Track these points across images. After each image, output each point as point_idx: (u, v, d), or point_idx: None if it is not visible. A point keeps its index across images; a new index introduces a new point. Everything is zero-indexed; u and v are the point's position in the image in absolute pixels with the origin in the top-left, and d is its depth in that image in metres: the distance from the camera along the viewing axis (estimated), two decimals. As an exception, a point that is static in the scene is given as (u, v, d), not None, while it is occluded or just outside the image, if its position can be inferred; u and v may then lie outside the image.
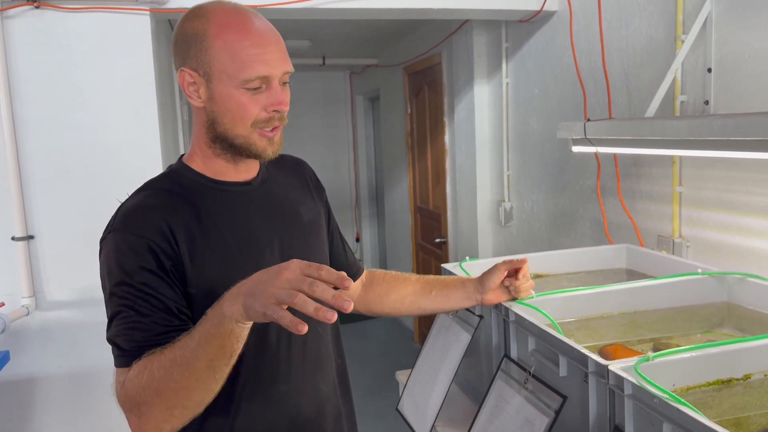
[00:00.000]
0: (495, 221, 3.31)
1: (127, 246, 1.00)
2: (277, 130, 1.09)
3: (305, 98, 6.07)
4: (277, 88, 1.06)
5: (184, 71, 1.06)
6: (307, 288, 0.81)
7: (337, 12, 2.42)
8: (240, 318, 0.86)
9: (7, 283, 2.20)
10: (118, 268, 0.99)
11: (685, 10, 1.85)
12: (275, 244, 1.14)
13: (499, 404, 1.28)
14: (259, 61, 1.03)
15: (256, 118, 1.05)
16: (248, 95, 1.04)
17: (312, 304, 0.81)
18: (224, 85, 1.04)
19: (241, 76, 1.02)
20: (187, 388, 0.90)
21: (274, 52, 1.05)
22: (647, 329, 1.45)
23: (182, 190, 1.09)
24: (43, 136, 2.19)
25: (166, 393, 0.91)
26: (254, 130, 1.06)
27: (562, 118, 2.57)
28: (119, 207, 1.07)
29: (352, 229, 6.45)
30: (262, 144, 1.08)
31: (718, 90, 1.75)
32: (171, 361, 0.90)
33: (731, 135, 1.26)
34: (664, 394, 0.90)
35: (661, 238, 1.99)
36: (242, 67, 1.02)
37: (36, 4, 2.12)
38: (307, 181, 1.31)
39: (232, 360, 0.91)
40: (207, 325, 0.89)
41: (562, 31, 2.53)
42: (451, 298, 1.38)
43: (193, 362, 0.89)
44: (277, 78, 1.05)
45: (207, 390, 0.92)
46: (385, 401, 3.77)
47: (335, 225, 1.38)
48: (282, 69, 1.06)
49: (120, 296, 0.99)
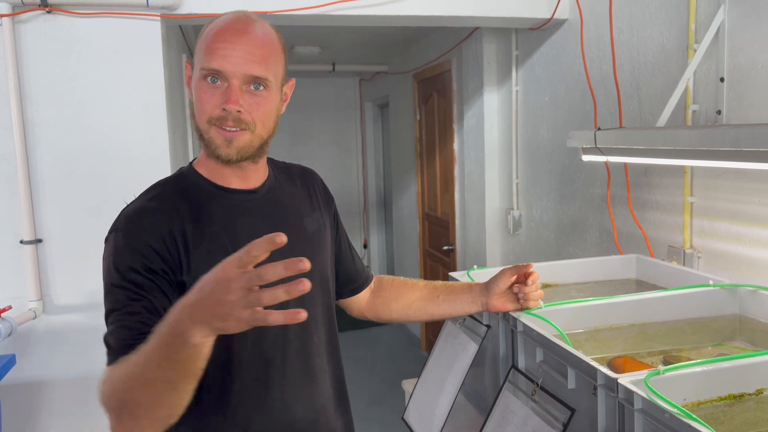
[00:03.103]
0: (503, 229, 3.29)
1: (123, 246, 1.01)
2: (236, 133, 1.06)
3: (315, 104, 6.08)
4: (234, 88, 1.04)
5: (188, 63, 1.12)
6: (258, 280, 0.75)
7: (348, 19, 2.42)
8: (206, 342, 0.81)
9: (15, 287, 2.20)
10: (113, 268, 1.00)
11: (698, 19, 1.83)
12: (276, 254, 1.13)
13: (506, 415, 1.26)
14: (217, 54, 1.03)
15: (210, 114, 1.05)
16: (206, 88, 1.05)
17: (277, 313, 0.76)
18: (195, 76, 1.08)
19: (200, 65, 1.05)
20: (149, 405, 0.87)
21: (238, 50, 1.03)
22: (657, 341, 1.43)
23: (188, 194, 1.09)
24: (52, 140, 2.20)
25: (129, 406, 0.88)
26: (211, 126, 1.06)
27: (571, 126, 2.56)
28: (124, 208, 1.08)
29: (359, 236, 6.45)
30: (218, 141, 1.06)
31: (731, 100, 1.73)
32: (130, 377, 0.87)
33: (745, 145, 1.25)
34: (675, 409, 0.88)
35: (671, 249, 1.97)
36: (203, 58, 1.05)
37: (48, 9, 2.13)
38: (314, 191, 1.30)
39: (196, 378, 0.86)
40: (164, 350, 0.83)
41: (572, 39, 2.52)
42: (458, 303, 1.38)
43: (153, 383, 0.85)
44: (238, 77, 1.04)
45: (174, 405, 0.88)
46: (391, 409, 3.75)
47: (344, 234, 1.38)
48: (242, 69, 1.03)
49: (113, 296, 0.99)
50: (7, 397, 2.17)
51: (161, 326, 0.84)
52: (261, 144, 1.10)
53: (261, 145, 1.10)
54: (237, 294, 0.75)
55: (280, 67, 1.10)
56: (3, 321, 2.01)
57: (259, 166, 1.17)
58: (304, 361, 1.16)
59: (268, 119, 1.09)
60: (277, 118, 1.13)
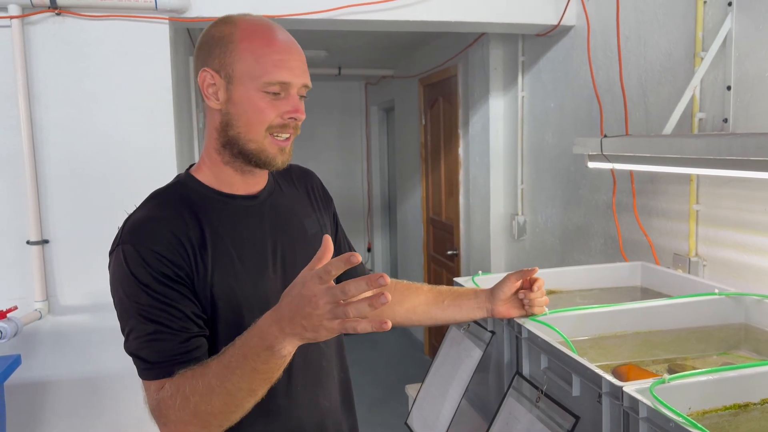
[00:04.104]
0: (508, 235, 3.29)
1: (139, 258, 1.00)
2: (289, 140, 1.10)
3: (321, 107, 6.10)
4: (296, 97, 1.08)
5: (206, 71, 1.08)
6: (342, 296, 0.82)
7: (355, 24, 2.43)
8: (290, 352, 0.89)
9: (21, 287, 2.21)
10: (132, 279, 0.99)
11: (705, 27, 1.83)
12: (278, 258, 1.14)
13: (509, 422, 1.26)
14: (283, 67, 1.05)
15: (271, 123, 1.06)
16: (267, 99, 1.05)
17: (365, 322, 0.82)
18: (245, 88, 1.05)
19: (264, 79, 1.04)
20: (227, 412, 0.93)
21: (297, 62, 1.08)
22: (661, 349, 1.43)
23: (187, 202, 1.09)
24: (60, 141, 2.21)
25: (203, 415, 0.92)
26: (267, 135, 1.07)
27: (577, 133, 2.56)
28: (126, 219, 1.07)
29: (363, 239, 6.45)
30: (273, 151, 1.08)
31: (737, 108, 1.73)
32: (208, 389, 0.91)
33: (751, 155, 1.25)
34: (680, 418, 0.88)
35: (677, 257, 1.97)
36: (265, 71, 1.04)
37: (57, 11, 2.15)
38: (313, 192, 1.31)
39: (271, 384, 0.93)
40: (250, 362, 0.89)
41: (579, 46, 2.52)
42: (463, 308, 1.37)
43: (234, 392, 0.91)
44: (297, 87, 1.08)
45: (245, 411, 0.95)
46: (393, 413, 3.75)
47: (343, 234, 1.38)
48: (302, 80, 1.08)
49: (137, 308, 0.99)
50: (12, 396, 2.17)
51: (245, 338, 0.90)
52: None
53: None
54: (324, 308, 0.82)
55: None
56: (8, 321, 2.02)
57: (265, 170, 1.17)
58: (310, 365, 1.16)
59: None
60: None
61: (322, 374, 1.19)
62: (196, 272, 1.03)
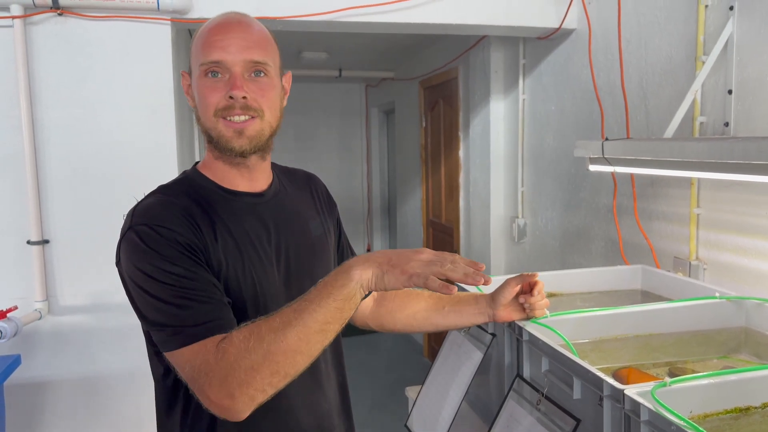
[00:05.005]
0: (508, 237, 3.29)
1: (156, 234, 0.98)
2: (246, 123, 1.07)
3: (321, 109, 6.10)
4: (237, 75, 1.05)
5: (184, 74, 1.12)
6: (447, 263, 0.91)
7: (356, 26, 2.43)
8: (366, 285, 0.93)
9: (21, 287, 2.21)
10: (153, 254, 0.97)
11: (706, 30, 1.84)
12: (282, 257, 1.14)
13: (510, 425, 1.26)
14: (215, 46, 1.05)
15: (216, 106, 1.06)
16: (208, 82, 1.06)
17: (461, 269, 0.92)
18: (195, 77, 1.08)
19: (200, 61, 1.06)
20: (296, 351, 0.92)
21: (234, 39, 1.06)
22: (662, 353, 1.43)
23: (195, 195, 1.09)
24: (61, 141, 2.21)
25: (274, 356, 0.90)
26: (219, 120, 1.06)
27: (578, 135, 2.56)
28: (135, 206, 1.05)
29: (363, 241, 6.45)
30: (228, 134, 1.07)
31: (738, 112, 1.73)
32: (284, 323, 0.91)
33: (752, 158, 1.25)
34: (681, 421, 0.88)
35: (677, 260, 1.97)
36: (201, 54, 1.06)
37: (59, 12, 2.15)
38: (318, 196, 1.31)
39: (341, 326, 0.95)
40: (328, 288, 0.93)
41: (580, 49, 2.53)
42: (464, 314, 1.36)
43: (310, 324, 0.91)
44: (238, 65, 1.05)
45: (310, 356, 0.94)
46: (392, 415, 3.74)
47: (346, 239, 1.38)
48: (241, 56, 1.05)
49: (164, 279, 0.96)
50: (12, 396, 2.17)
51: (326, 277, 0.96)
52: (270, 133, 1.11)
53: (270, 134, 1.11)
54: (428, 253, 0.93)
55: (277, 56, 1.12)
56: (8, 321, 2.01)
57: (265, 166, 1.17)
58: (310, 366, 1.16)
59: (273, 106, 1.10)
60: (282, 110, 1.14)
61: (320, 376, 1.18)
62: (210, 254, 1.03)
